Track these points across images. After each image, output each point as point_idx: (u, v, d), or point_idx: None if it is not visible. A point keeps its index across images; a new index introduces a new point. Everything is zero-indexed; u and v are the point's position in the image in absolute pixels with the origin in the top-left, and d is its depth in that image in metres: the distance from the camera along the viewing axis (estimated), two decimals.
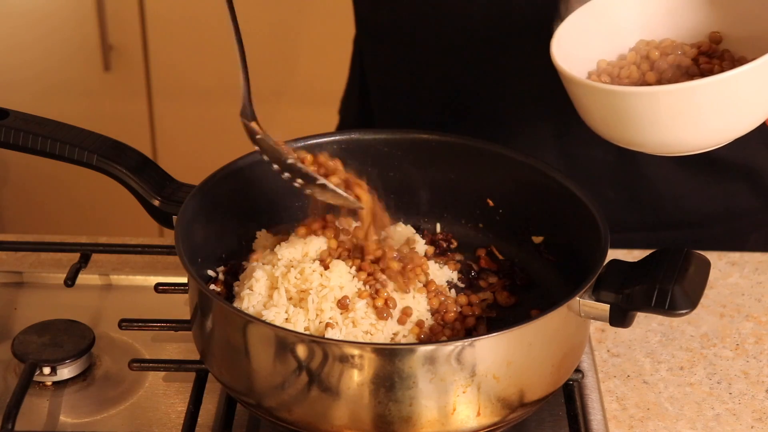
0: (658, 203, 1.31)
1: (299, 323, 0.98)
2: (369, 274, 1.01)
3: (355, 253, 1.04)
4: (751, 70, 0.89)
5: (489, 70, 1.27)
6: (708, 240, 1.28)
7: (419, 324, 1.01)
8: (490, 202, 1.15)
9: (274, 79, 2.41)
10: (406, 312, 1.00)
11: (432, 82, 1.31)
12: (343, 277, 1.01)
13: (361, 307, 0.98)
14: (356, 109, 1.48)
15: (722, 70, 0.96)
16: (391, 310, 0.99)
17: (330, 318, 0.98)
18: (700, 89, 0.90)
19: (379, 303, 0.99)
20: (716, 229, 1.31)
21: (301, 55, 2.40)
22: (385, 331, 0.99)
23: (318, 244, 1.04)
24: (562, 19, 1.01)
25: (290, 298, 1.00)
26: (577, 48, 1.01)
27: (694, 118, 0.91)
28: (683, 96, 0.90)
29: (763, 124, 0.96)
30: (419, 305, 1.02)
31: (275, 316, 0.99)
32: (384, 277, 1.01)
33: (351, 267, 1.02)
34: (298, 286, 1.01)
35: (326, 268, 1.01)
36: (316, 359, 0.90)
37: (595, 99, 0.95)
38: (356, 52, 1.47)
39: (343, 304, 0.98)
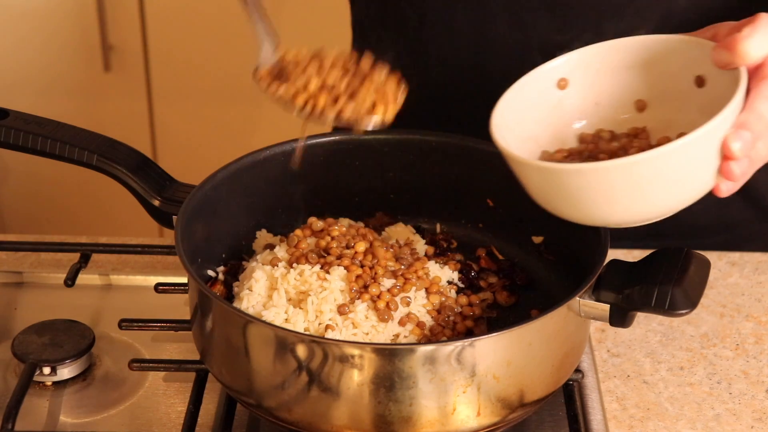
0: None
1: (299, 324, 0.98)
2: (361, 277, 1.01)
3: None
4: (669, 151, 0.89)
5: (476, 74, 1.26)
6: (701, 251, 1.28)
7: (420, 325, 1.01)
8: (490, 202, 1.15)
9: None
10: (409, 317, 1.00)
11: (432, 85, 1.31)
12: (343, 279, 1.01)
13: (361, 309, 0.98)
14: None
15: (637, 151, 0.97)
16: (392, 312, 0.99)
17: (330, 319, 0.98)
18: (632, 164, 0.89)
19: (381, 305, 0.99)
20: (710, 240, 1.31)
21: None
22: (385, 333, 0.99)
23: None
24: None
25: (289, 299, 1.01)
26: (526, 113, 1.01)
27: (628, 193, 0.91)
28: (614, 172, 0.89)
29: None
30: (419, 306, 1.02)
31: (275, 316, 0.99)
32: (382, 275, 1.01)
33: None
34: (297, 288, 1.01)
35: (327, 272, 1.01)
36: (316, 359, 0.90)
37: (531, 176, 0.95)
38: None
39: (342, 311, 0.98)
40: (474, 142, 1.13)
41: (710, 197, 1.20)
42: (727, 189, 0.94)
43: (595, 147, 1.02)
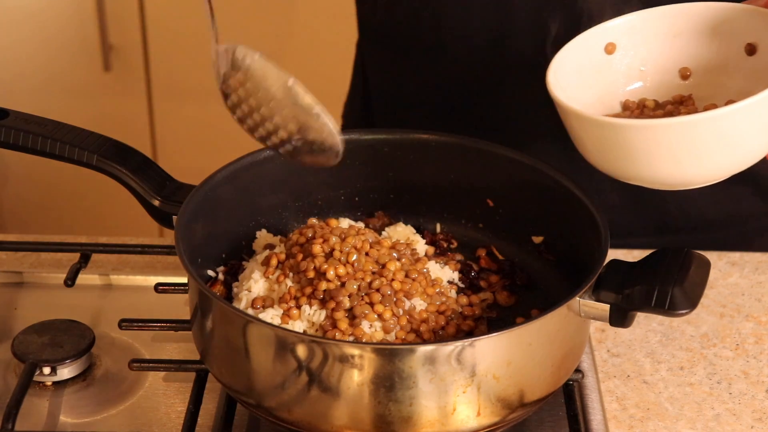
0: (663, 208, 1.31)
1: (297, 325, 0.99)
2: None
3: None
4: (746, 106, 0.89)
5: (491, 75, 1.26)
6: (712, 244, 1.28)
7: (420, 325, 1.00)
8: (490, 202, 1.15)
9: None
10: (411, 317, 1.00)
11: (434, 87, 1.31)
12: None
13: (365, 324, 0.98)
14: (359, 114, 1.48)
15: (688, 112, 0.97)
16: (396, 319, 0.99)
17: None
18: (699, 123, 0.90)
19: (387, 315, 0.99)
20: (721, 234, 1.31)
21: (303, 58, 2.40)
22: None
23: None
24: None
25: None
26: (573, 77, 1.02)
27: (690, 153, 0.92)
28: (680, 130, 0.90)
29: None
30: (420, 306, 1.02)
31: (272, 318, 0.99)
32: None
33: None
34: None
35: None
36: (316, 359, 0.90)
37: (592, 132, 0.95)
38: (359, 56, 1.47)
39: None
40: (474, 142, 1.13)
41: (722, 192, 1.21)
42: None
43: (641, 113, 1.02)
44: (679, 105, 1.02)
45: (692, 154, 0.92)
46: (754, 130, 0.92)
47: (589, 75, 1.04)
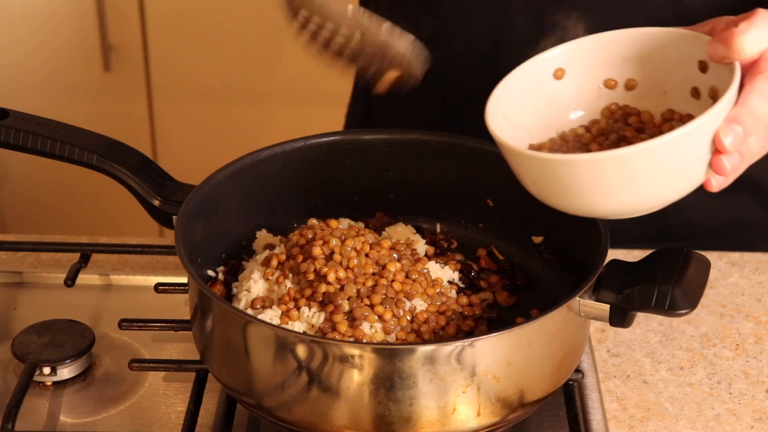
0: (663, 215, 1.30)
1: (296, 325, 0.99)
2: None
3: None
4: (678, 136, 0.89)
5: (491, 78, 1.26)
6: (712, 251, 1.28)
7: (420, 325, 1.00)
8: (490, 202, 1.15)
9: (275, 79, 2.41)
10: (415, 318, 1.00)
11: (435, 91, 1.31)
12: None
13: (365, 326, 0.98)
14: (361, 117, 1.47)
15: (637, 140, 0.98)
16: (395, 321, 0.99)
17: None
18: (632, 155, 0.89)
19: (388, 316, 0.99)
20: (722, 242, 1.30)
21: (306, 60, 2.40)
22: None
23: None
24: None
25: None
26: (518, 102, 1.02)
27: (611, 185, 0.91)
28: (611, 163, 0.90)
29: None
30: (420, 306, 1.02)
31: (271, 319, 0.99)
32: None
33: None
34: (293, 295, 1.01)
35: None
36: (316, 359, 0.90)
37: (524, 165, 0.95)
38: None
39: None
40: (474, 142, 1.13)
41: (723, 198, 1.20)
42: (717, 184, 0.94)
43: (591, 138, 1.02)
44: (635, 130, 1.02)
45: (622, 185, 0.91)
46: (682, 161, 0.91)
47: (537, 101, 1.03)
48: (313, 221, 1.09)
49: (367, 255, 1.02)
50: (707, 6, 1.15)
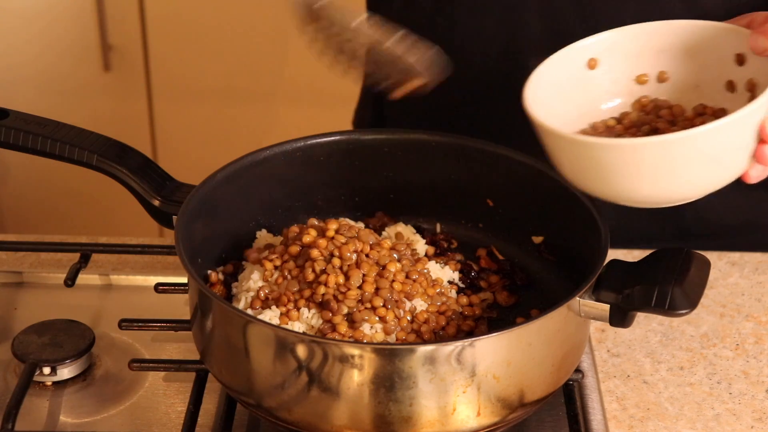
0: (680, 214, 1.30)
1: (296, 326, 0.99)
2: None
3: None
4: (721, 126, 0.89)
5: (503, 82, 1.26)
6: (730, 251, 1.27)
7: (420, 326, 1.00)
8: (490, 202, 1.15)
9: (276, 79, 2.41)
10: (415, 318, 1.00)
11: (446, 94, 1.31)
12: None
13: (366, 326, 0.98)
14: (369, 121, 1.47)
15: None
16: (395, 322, 0.99)
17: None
18: (673, 142, 0.90)
19: (390, 317, 0.99)
20: (738, 240, 1.30)
21: (313, 62, 2.40)
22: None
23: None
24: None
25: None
26: (552, 92, 1.01)
27: (651, 172, 0.91)
28: (652, 149, 0.90)
29: None
30: (420, 306, 1.02)
31: (271, 318, 0.99)
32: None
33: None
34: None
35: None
36: (316, 359, 0.90)
37: (565, 149, 0.95)
38: None
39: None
40: (474, 142, 1.13)
41: (741, 197, 1.20)
42: (756, 175, 0.95)
43: (623, 129, 1.02)
44: (667, 122, 1.02)
45: (663, 173, 0.91)
46: (725, 150, 0.91)
47: (570, 90, 1.03)
48: (313, 221, 1.09)
49: (367, 255, 1.02)
50: (723, 6, 1.15)
